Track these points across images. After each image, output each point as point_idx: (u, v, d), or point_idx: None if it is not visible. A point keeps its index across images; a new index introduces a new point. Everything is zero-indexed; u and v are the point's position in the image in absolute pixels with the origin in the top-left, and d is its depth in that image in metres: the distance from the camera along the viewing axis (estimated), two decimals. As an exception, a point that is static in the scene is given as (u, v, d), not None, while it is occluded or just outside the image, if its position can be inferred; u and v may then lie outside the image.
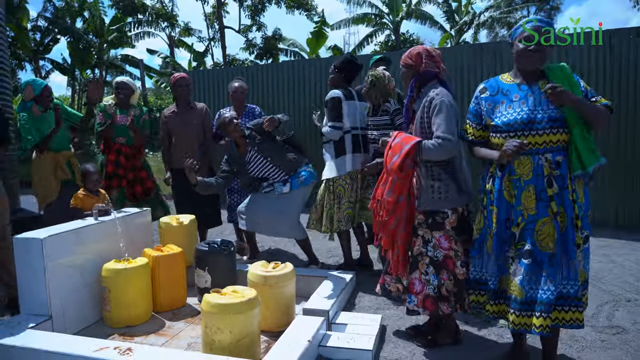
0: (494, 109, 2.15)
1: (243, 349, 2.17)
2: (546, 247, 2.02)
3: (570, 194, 2.02)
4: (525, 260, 2.04)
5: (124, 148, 3.90)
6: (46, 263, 2.52)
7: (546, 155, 2.02)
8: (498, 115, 2.12)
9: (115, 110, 3.85)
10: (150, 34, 17.17)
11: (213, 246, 3.17)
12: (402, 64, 2.45)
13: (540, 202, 2.03)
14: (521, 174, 2.07)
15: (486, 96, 2.19)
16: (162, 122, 4.05)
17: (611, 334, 2.60)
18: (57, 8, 15.34)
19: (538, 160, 2.03)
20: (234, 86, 4.03)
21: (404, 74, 2.44)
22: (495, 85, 2.19)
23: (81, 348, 2.16)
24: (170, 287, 3.06)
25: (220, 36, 16.45)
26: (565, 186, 2.02)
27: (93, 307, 2.86)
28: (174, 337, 2.67)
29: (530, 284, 2.04)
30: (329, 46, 17.81)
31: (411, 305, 2.39)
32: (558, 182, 2.02)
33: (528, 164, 2.05)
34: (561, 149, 2.03)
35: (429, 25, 18.09)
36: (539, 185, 2.03)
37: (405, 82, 2.45)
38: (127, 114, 3.92)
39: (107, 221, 3.01)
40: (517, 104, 2.08)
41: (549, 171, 2.02)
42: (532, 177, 2.04)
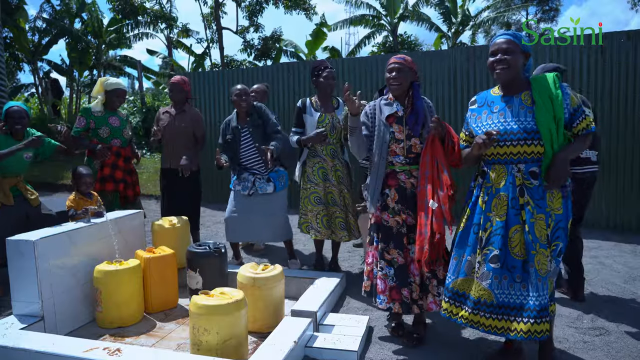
0: (476, 119, 2.25)
1: (230, 349, 2.22)
2: (518, 253, 2.07)
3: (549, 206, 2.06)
4: (493, 264, 2.10)
5: (122, 150, 3.83)
6: (38, 265, 2.56)
7: (519, 165, 2.10)
8: (479, 125, 2.22)
9: (105, 113, 3.78)
10: (148, 35, 17.20)
11: (204, 248, 3.21)
12: (410, 67, 2.49)
13: (512, 210, 2.10)
14: (494, 182, 2.15)
15: (474, 107, 2.29)
16: (157, 118, 4.10)
17: (594, 335, 2.65)
18: (55, 9, 15.36)
19: (511, 170, 2.10)
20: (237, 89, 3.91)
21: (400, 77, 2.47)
22: (484, 97, 2.27)
23: (71, 348, 2.20)
24: (161, 288, 3.10)
25: (218, 37, 16.47)
26: (543, 196, 2.06)
27: (85, 308, 2.91)
28: (164, 338, 2.71)
29: (500, 288, 2.09)
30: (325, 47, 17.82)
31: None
32: (534, 193, 2.07)
33: (502, 173, 2.13)
34: (536, 160, 2.08)
35: (426, 26, 18.14)
36: (510, 193, 2.10)
37: (399, 83, 2.48)
38: (116, 116, 3.83)
39: (100, 223, 3.06)
40: (496, 115, 2.16)
41: (521, 181, 2.09)
42: (505, 185, 2.11)
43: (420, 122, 2.48)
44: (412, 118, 2.47)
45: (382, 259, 2.50)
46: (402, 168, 2.52)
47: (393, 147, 2.50)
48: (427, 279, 2.46)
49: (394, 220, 2.49)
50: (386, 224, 2.51)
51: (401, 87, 2.49)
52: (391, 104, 2.52)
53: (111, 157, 3.74)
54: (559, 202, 2.10)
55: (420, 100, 2.54)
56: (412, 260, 2.45)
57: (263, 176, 3.68)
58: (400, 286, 2.43)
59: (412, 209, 2.46)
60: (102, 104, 3.78)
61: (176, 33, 18.16)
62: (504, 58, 2.08)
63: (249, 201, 3.67)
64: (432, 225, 2.30)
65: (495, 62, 2.11)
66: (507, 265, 2.09)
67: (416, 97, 2.52)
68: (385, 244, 2.50)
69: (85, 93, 17.53)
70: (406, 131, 2.48)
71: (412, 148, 2.51)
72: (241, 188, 3.70)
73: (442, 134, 2.36)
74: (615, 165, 5.15)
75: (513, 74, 2.10)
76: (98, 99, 3.80)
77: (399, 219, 2.48)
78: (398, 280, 2.43)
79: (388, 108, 2.52)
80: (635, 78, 5.06)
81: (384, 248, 2.50)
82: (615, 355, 2.41)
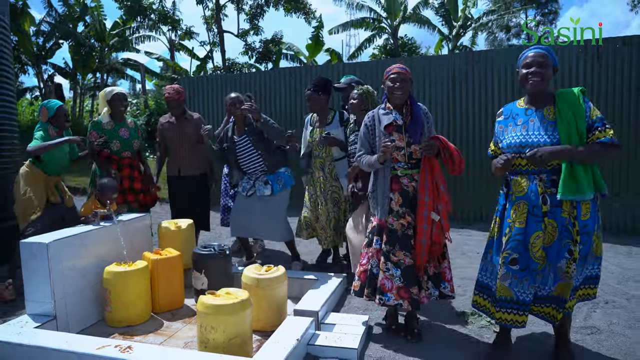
0: (503, 131, 2.36)
1: (235, 347, 2.32)
2: (539, 258, 2.20)
3: (566, 212, 2.15)
4: (513, 267, 2.23)
5: (134, 162, 3.92)
6: (51, 266, 2.67)
7: (541, 175, 2.20)
8: (505, 137, 2.33)
9: (115, 126, 3.85)
10: (150, 38, 17.36)
11: (210, 250, 3.31)
12: (410, 77, 2.61)
13: (532, 217, 2.21)
14: (515, 190, 2.28)
15: (500, 120, 2.40)
16: (159, 129, 4.17)
17: (585, 334, 2.74)
18: (59, 13, 15.52)
19: (533, 180, 2.22)
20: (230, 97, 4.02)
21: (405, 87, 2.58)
22: (510, 109, 2.39)
23: (84, 346, 2.31)
24: (168, 288, 3.20)
25: (219, 40, 16.62)
26: (559, 204, 2.16)
27: (95, 308, 3.01)
28: (171, 337, 2.81)
29: (518, 287, 2.24)
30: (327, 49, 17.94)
31: (446, 290, 2.63)
32: (551, 199, 2.18)
33: (524, 183, 2.25)
34: (557, 170, 2.17)
35: (427, 29, 18.27)
36: (531, 202, 2.21)
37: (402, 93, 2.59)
38: (125, 127, 3.91)
39: (109, 226, 3.16)
40: (520, 127, 2.27)
41: (542, 190, 2.19)
42: (526, 193, 2.23)
43: (419, 130, 2.59)
44: (413, 126, 2.58)
45: (388, 260, 2.58)
46: (404, 172, 2.62)
47: (394, 155, 2.60)
48: (422, 276, 2.60)
49: (399, 223, 2.59)
50: (391, 227, 2.60)
51: (404, 96, 2.59)
52: (389, 113, 2.62)
53: (126, 169, 3.85)
54: (587, 207, 2.17)
55: (418, 108, 2.65)
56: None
57: (261, 179, 3.81)
58: (409, 285, 2.53)
59: (415, 211, 2.58)
60: (108, 115, 3.85)
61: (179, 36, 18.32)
62: (539, 71, 2.17)
63: (248, 201, 3.82)
64: (432, 235, 2.49)
65: (530, 74, 2.19)
66: (529, 268, 2.22)
67: (414, 105, 2.63)
68: (390, 246, 2.58)
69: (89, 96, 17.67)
70: (406, 139, 2.58)
71: (413, 154, 2.61)
72: (241, 189, 3.87)
73: (434, 152, 2.50)
74: (610, 168, 5.24)
75: (544, 86, 2.22)
76: (104, 111, 3.87)
77: (403, 222, 2.58)
78: (406, 280, 2.52)
79: (386, 117, 2.61)
80: (631, 83, 5.17)
81: (390, 250, 2.58)
82: (605, 353, 2.51)
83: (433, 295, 2.60)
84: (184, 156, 4.05)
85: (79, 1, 15.92)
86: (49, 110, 3.63)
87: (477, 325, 2.86)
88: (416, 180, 2.58)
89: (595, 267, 2.34)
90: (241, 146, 3.81)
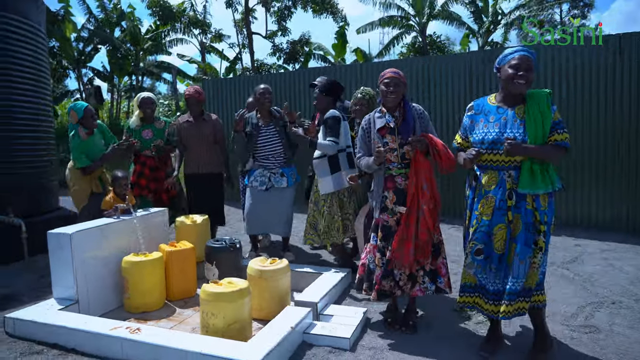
0: (474, 126, 2.44)
1: (234, 332, 2.49)
2: (499, 248, 2.32)
3: (529, 204, 2.28)
4: (478, 257, 2.37)
5: (148, 160, 4.23)
6: (74, 255, 2.93)
7: (510, 171, 2.31)
8: (476, 132, 2.41)
9: (142, 126, 4.25)
10: (183, 41, 17.98)
11: (221, 243, 3.51)
12: (403, 81, 2.71)
13: (498, 210, 2.32)
14: (485, 185, 2.37)
15: (471, 114, 2.49)
16: (177, 129, 4.41)
17: (583, 332, 2.75)
18: (97, 19, 16.33)
19: (502, 175, 2.32)
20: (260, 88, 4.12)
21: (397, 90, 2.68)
22: (481, 104, 2.46)
23: (99, 327, 2.54)
24: (181, 278, 3.42)
25: (248, 42, 17.01)
26: (524, 198, 2.28)
27: (115, 295, 3.26)
28: (181, 322, 3.02)
29: (482, 275, 2.39)
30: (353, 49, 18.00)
31: (442, 285, 2.74)
32: (518, 196, 2.29)
33: (494, 178, 2.34)
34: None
35: (456, 26, 18.00)
36: (499, 196, 2.31)
37: (395, 96, 2.69)
38: (151, 128, 4.27)
39: (128, 219, 3.41)
40: (492, 124, 2.35)
41: (510, 185, 2.30)
42: (495, 188, 2.33)
43: (411, 131, 2.68)
44: (404, 127, 2.68)
45: (383, 256, 2.71)
46: (398, 172, 2.72)
47: (388, 156, 2.71)
48: (416, 270, 2.69)
49: (393, 220, 2.70)
50: (386, 223, 2.72)
51: (396, 99, 2.69)
52: (382, 116, 2.73)
53: (138, 166, 4.19)
54: (546, 200, 2.30)
55: (410, 111, 2.73)
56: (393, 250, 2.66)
57: (277, 172, 3.97)
58: (384, 277, 2.68)
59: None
60: (139, 118, 4.28)
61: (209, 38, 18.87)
62: (527, 75, 2.24)
63: (265, 196, 3.95)
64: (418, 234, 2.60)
65: (518, 76, 2.25)
66: (490, 258, 2.35)
67: (407, 107, 2.72)
68: (385, 242, 2.71)
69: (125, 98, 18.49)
70: (399, 140, 2.68)
71: (406, 155, 2.71)
72: (258, 184, 3.98)
73: (422, 148, 2.59)
74: (635, 167, 5.10)
75: (528, 89, 2.30)
76: (135, 115, 4.31)
77: (397, 219, 2.69)
78: (384, 271, 2.68)
79: (380, 120, 2.72)
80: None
81: (385, 246, 2.71)
82: (600, 352, 2.51)
83: (429, 290, 2.69)
84: (202, 155, 4.28)
85: (116, 7, 16.70)
86: (77, 112, 3.93)
87: (474, 321, 2.91)
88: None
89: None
90: (266, 134, 3.99)
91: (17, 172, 4.55)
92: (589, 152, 5.36)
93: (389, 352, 2.53)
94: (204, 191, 4.30)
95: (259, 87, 4.05)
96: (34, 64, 4.82)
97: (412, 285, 2.70)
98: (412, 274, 2.68)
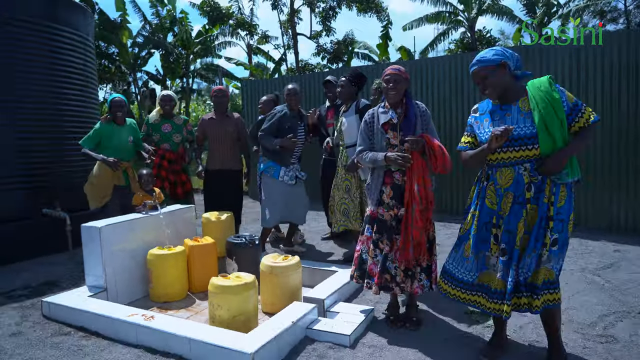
0: (479, 126, 2.41)
1: (239, 323, 2.62)
2: (518, 242, 2.23)
3: (547, 197, 2.19)
4: (502, 257, 2.28)
5: (167, 153, 4.52)
6: (102, 246, 3.19)
7: (525, 165, 2.23)
8: (482, 132, 2.37)
9: (160, 121, 4.55)
10: (230, 44, 18.60)
11: (241, 239, 3.67)
12: (405, 77, 2.73)
13: (516, 205, 2.24)
14: (502, 183, 2.30)
15: (476, 115, 2.45)
16: (200, 124, 4.62)
17: (599, 342, 2.61)
18: (152, 25, 17.31)
19: (518, 170, 2.24)
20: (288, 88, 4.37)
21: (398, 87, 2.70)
22: (485, 106, 2.43)
23: (119, 313, 2.77)
24: (202, 271, 3.60)
25: (293, 43, 17.29)
26: (543, 189, 2.20)
27: (141, 285, 3.50)
28: (198, 313, 3.20)
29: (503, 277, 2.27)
30: (397, 47, 17.77)
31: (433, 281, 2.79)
32: (535, 187, 2.21)
33: (509, 174, 2.27)
34: (539, 158, 2.20)
35: (507, 20, 17.25)
36: (517, 191, 2.25)
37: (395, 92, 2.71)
38: (170, 123, 4.57)
39: (154, 215, 3.65)
40: (497, 122, 2.31)
41: (528, 179, 2.22)
42: (512, 184, 2.26)
43: (412, 128, 2.69)
44: (406, 124, 2.68)
45: (376, 248, 2.77)
46: (396, 167, 2.74)
47: (389, 152, 2.73)
48: (414, 267, 2.71)
49: (388, 214, 2.74)
50: (381, 217, 2.77)
51: (397, 95, 2.71)
52: (386, 112, 2.75)
53: (157, 159, 4.44)
54: (564, 194, 2.20)
55: (412, 107, 2.73)
56: (398, 249, 2.69)
57: (297, 167, 4.32)
58: (382, 272, 2.71)
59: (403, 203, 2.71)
60: (159, 114, 4.60)
61: (256, 40, 19.37)
62: (483, 87, 2.25)
63: (294, 189, 4.27)
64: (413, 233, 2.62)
65: (482, 90, 2.27)
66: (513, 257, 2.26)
67: (410, 104, 2.72)
68: (380, 234, 2.76)
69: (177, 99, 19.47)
70: (399, 137, 2.69)
71: (405, 151, 2.71)
72: (289, 178, 4.23)
73: (418, 147, 2.60)
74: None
75: (500, 90, 2.25)
76: (155, 111, 4.64)
77: (392, 213, 2.73)
78: (381, 266, 2.71)
79: (384, 116, 2.74)
80: None
81: (379, 238, 2.76)
82: (612, 362, 2.39)
83: (426, 287, 2.72)
84: (225, 152, 4.48)
85: (169, 13, 17.59)
86: (108, 102, 4.35)
87: (482, 324, 2.86)
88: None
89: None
90: (299, 132, 4.27)
91: (66, 170, 4.98)
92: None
93: (388, 351, 2.55)
94: (224, 188, 4.49)
95: (286, 88, 4.24)
96: (82, 71, 5.25)
97: (411, 282, 2.71)
98: (409, 269, 2.70)
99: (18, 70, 4.55)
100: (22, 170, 4.62)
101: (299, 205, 4.32)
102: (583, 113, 2.16)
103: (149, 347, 2.56)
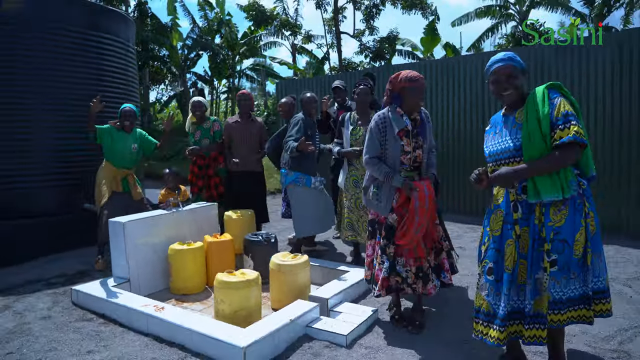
0: (486, 138, 2.33)
1: (241, 318, 2.73)
2: (508, 266, 2.12)
3: (537, 218, 2.06)
4: (489, 277, 2.19)
5: (198, 160, 4.64)
6: (126, 241, 3.43)
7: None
8: (486, 145, 2.31)
9: (196, 129, 4.67)
10: (275, 44, 18.98)
11: (257, 237, 3.80)
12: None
13: (506, 225, 2.15)
14: (494, 199, 2.25)
15: (488, 129, 2.36)
16: (225, 128, 4.75)
17: (609, 357, 2.47)
18: (200, 28, 18.02)
19: (506, 188, 2.15)
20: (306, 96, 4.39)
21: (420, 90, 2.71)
22: (495, 117, 2.35)
23: (133, 303, 2.97)
24: (220, 267, 3.70)
25: (337, 41, 17.36)
26: (532, 210, 2.07)
27: (162, 277, 3.71)
28: (210, 307, 3.35)
29: (494, 299, 2.17)
30: (443, 44, 17.31)
31: (446, 280, 2.84)
32: (524, 207, 2.09)
33: (500, 191, 2.21)
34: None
35: (562, 12, 16.32)
36: (505, 209, 2.16)
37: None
38: (200, 129, 4.66)
39: (176, 212, 3.86)
40: (497, 135, 2.23)
41: (514, 197, 2.13)
42: (502, 202, 2.19)
43: (427, 134, 2.76)
44: (422, 130, 2.74)
45: (383, 254, 2.75)
46: (407, 174, 2.73)
47: (401, 158, 2.72)
48: (428, 269, 2.71)
49: (397, 220, 2.72)
50: (389, 223, 2.75)
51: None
52: (399, 118, 2.71)
53: (190, 165, 4.65)
54: (563, 214, 2.04)
55: (421, 112, 2.73)
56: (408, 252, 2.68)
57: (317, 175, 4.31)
58: (390, 276, 2.73)
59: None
60: (191, 121, 4.75)
61: (300, 40, 19.64)
62: (506, 86, 2.13)
63: (322, 195, 4.30)
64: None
65: (501, 89, 2.15)
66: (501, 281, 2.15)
67: (420, 110, 2.72)
68: (387, 240, 2.74)
69: (222, 100, 20.13)
70: (413, 144, 2.69)
71: (417, 158, 2.72)
72: (319, 183, 4.22)
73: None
74: None
75: (518, 95, 2.15)
76: (188, 119, 4.79)
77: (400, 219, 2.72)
78: (389, 271, 2.72)
79: (398, 122, 2.71)
80: None
81: (386, 244, 2.75)
82: (622, 379, 2.26)
83: (437, 287, 2.73)
84: (248, 154, 4.61)
85: (217, 16, 18.22)
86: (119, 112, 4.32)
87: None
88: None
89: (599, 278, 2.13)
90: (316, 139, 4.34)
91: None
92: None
93: (384, 353, 2.55)
94: (248, 188, 4.62)
95: (305, 95, 4.27)
96: (123, 74, 5.60)
97: (423, 283, 2.70)
98: (421, 268, 2.69)
99: (63, 75, 4.88)
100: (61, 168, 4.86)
101: (330, 210, 4.35)
102: (562, 129, 1.96)
103: (157, 336, 2.73)
